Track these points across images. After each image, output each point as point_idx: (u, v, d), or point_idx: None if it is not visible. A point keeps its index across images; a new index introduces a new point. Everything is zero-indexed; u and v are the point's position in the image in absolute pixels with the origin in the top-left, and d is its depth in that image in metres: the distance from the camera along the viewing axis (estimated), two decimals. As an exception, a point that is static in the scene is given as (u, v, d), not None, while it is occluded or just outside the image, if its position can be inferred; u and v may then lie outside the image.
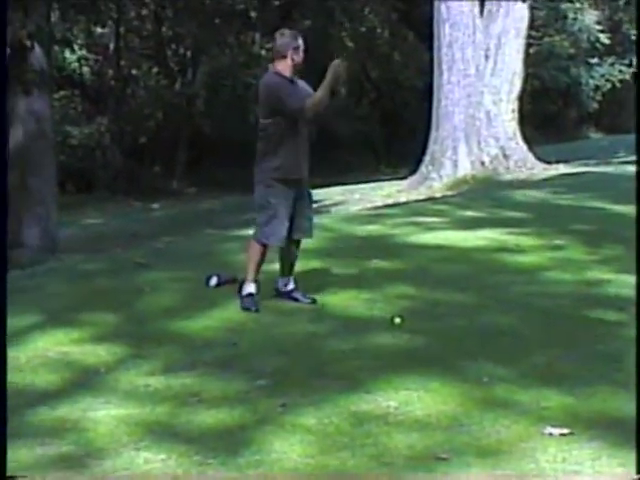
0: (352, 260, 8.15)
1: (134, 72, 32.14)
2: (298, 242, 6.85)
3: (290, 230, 6.68)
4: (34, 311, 6.86)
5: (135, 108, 31.13)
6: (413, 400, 4.67)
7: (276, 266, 6.96)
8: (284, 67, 6.49)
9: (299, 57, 6.50)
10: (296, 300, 6.76)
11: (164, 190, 27.05)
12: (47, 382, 5.29)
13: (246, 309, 6.54)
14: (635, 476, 3.83)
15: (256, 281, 6.63)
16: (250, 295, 6.59)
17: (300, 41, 6.52)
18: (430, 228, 9.99)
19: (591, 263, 7.96)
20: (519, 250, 8.55)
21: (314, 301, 6.75)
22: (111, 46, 30.24)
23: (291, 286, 6.84)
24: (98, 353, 5.75)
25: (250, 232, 7.01)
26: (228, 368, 5.36)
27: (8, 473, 3.94)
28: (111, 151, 27.96)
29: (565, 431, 4.18)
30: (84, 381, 5.27)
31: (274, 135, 6.50)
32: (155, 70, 32.51)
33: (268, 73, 6.64)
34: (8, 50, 13.84)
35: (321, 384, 4.99)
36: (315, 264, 7.82)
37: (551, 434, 4.18)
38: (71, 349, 5.87)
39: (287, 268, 6.84)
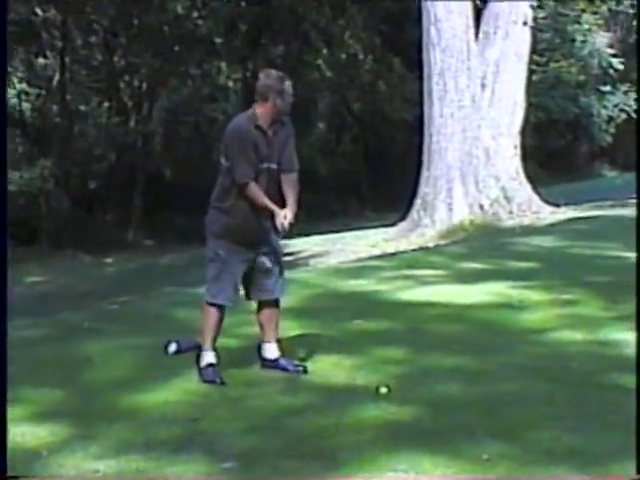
0: (333, 321, 8.16)
1: (82, 108, 32.29)
2: (276, 302, 6.78)
3: (249, 290, 6.70)
4: (-34, 386, 6.82)
5: (83, 149, 31.24)
6: (401, 483, 4.67)
7: (242, 330, 6.93)
8: (263, 111, 6.46)
9: (283, 103, 6.47)
10: (284, 369, 6.70)
11: (118, 242, 27.08)
12: (-20, 469, 5.26)
13: (208, 382, 6.51)
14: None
15: (215, 349, 6.63)
16: (210, 365, 6.58)
17: (286, 85, 6.48)
18: (422, 282, 10.03)
19: (606, 320, 7.99)
20: (524, 306, 8.59)
21: (305, 370, 6.70)
22: (55, 78, 30.37)
23: (275, 354, 6.77)
24: (39, 434, 5.72)
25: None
26: (188, 448, 5.34)
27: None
28: (56, 198, 27.99)
29: (575, 515, 4.20)
30: (23, 467, 5.23)
31: (230, 184, 6.50)
32: (106, 105, 32.71)
33: (241, 115, 6.65)
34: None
35: (295, 466, 4.98)
36: (291, 325, 7.80)
37: (559, 519, 4.19)
38: (8, 430, 5.83)
39: (267, 333, 6.76)
